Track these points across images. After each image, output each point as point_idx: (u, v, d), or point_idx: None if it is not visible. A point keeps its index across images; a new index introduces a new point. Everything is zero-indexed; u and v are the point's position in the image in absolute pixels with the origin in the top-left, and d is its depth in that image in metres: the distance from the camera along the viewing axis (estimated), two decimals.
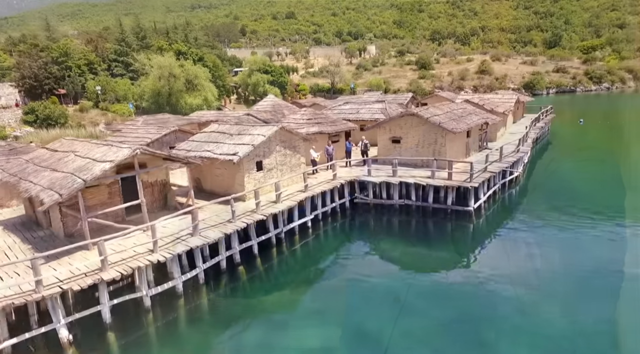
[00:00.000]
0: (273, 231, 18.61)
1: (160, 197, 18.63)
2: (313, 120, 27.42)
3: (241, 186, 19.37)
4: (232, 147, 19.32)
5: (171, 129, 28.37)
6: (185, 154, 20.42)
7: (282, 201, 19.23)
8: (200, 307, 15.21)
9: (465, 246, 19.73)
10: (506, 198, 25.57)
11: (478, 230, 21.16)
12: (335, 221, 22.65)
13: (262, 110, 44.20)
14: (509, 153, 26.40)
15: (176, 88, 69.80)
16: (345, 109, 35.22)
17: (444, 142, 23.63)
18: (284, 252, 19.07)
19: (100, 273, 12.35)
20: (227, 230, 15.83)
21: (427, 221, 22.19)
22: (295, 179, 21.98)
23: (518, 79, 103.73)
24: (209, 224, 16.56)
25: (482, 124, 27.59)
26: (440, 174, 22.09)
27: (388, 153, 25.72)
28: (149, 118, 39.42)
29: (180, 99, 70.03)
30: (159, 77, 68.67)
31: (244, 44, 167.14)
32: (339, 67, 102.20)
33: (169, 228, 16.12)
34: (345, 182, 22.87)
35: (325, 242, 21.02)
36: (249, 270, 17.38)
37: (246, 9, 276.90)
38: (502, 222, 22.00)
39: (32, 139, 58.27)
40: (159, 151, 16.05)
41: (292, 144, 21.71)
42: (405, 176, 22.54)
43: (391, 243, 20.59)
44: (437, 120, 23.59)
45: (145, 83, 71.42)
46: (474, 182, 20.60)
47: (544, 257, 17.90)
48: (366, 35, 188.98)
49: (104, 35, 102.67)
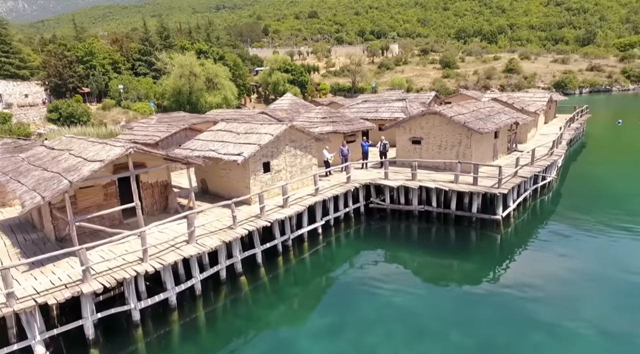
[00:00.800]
0: (279, 238, 17.19)
1: (161, 199, 17.51)
2: (328, 119, 25.92)
3: (247, 189, 18.06)
4: (237, 146, 18.03)
5: (181, 127, 27.44)
6: (190, 153, 19.28)
7: (289, 205, 17.81)
8: (196, 321, 13.91)
9: (492, 259, 17.80)
10: (538, 205, 23.37)
11: (506, 241, 19.16)
12: (348, 228, 21.07)
13: (278, 108, 43.23)
14: (541, 156, 24.17)
15: (196, 87, 69.71)
16: (363, 107, 33.54)
17: (470, 144, 21.69)
18: (290, 261, 17.63)
19: (80, 285, 11.21)
20: (227, 237, 14.49)
21: (449, 230, 20.32)
22: (306, 182, 20.53)
23: (548, 78, 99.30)
24: (209, 230, 15.29)
25: (512, 124, 25.42)
26: (465, 178, 20.21)
27: (407, 155, 23.94)
28: (163, 116, 38.76)
29: (201, 98, 69.89)
30: (179, 75, 68.72)
31: (266, 44, 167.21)
32: (360, 66, 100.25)
33: (166, 234, 14.95)
34: (360, 185, 21.25)
35: (337, 251, 19.46)
36: (251, 280, 16.01)
37: (269, 9, 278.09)
38: (534, 232, 19.91)
39: (54, 136, 59.26)
40: (155, 150, 14.90)
41: (303, 144, 20.26)
42: (425, 180, 20.75)
43: (409, 253, 18.85)
44: (462, 119, 21.67)
45: (167, 82, 71.67)
46: (502, 188, 18.61)
47: (581, 273, 15.84)
48: (389, 34, 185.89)
49: (130, 35, 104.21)
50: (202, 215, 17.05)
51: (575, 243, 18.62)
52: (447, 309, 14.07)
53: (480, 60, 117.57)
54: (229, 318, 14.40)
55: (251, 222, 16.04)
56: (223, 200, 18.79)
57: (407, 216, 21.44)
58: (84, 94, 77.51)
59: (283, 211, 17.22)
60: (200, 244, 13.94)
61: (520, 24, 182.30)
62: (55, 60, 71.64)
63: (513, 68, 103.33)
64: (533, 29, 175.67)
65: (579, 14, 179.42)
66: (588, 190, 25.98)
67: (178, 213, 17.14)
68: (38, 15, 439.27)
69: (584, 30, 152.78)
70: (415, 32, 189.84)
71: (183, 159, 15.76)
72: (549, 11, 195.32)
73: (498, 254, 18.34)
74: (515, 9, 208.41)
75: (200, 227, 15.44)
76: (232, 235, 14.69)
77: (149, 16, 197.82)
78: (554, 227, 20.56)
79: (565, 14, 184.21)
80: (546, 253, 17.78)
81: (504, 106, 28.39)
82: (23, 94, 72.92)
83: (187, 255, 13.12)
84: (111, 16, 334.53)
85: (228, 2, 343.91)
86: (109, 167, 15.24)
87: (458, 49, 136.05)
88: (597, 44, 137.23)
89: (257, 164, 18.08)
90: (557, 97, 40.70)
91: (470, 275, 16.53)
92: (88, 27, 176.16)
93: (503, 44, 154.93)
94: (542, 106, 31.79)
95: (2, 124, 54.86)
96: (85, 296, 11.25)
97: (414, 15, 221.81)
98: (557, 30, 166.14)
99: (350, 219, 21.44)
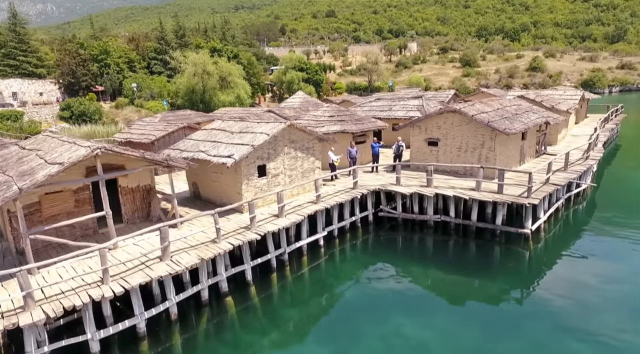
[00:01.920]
0: (273, 252, 15.11)
1: (143, 205, 15.66)
2: (335, 117, 23.75)
3: (238, 195, 16.06)
4: (229, 147, 16.03)
5: (179, 125, 25.71)
6: (179, 154, 17.42)
7: (286, 214, 15.71)
8: (171, 350, 11.95)
9: (519, 280, 15.31)
10: (571, 216, 20.66)
11: (536, 258, 16.61)
12: (354, 239, 18.84)
13: (289, 106, 41.49)
14: (575, 160, 21.43)
15: (210, 85, 68.58)
16: (376, 105, 31.21)
17: (494, 146, 19.17)
18: (286, 278, 15.53)
19: (19, 315, 9.36)
20: (207, 253, 12.47)
21: (468, 244, 17.87)
22: (308, 187, 18.41)
23: (575, 77, 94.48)
24: (190, 243, 13.32)
25: (543, 124, 22.71)
26: (488, 185, 17.75)
27: (423, 158, 21.57)
28: (168, 114, 37.21)
29: (214, 97, 68.71)
30: (193, 74, 67.65)
31: (283, 43, 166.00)
32: (377, 65, 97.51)
33: (141, 247, 13.07)
34: (369, 191, 19.00)
35: (341, 266, 17.24)
36: (239, 301, 13.97)
37: (287, 8, 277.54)
38: (568, 248, 17.28)
39: (65, 134, 58.81)
40: (130, 151, 13.01)
41: (305, 145, 18.15)
42: (442, 187, 18.35)
43: (423, 269, 16.51)
44: (485, 118, 19.18)
45: (180, 80, 70.78)
46: (533, 198, 16.07)
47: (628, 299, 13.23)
48: (407, 32, 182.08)
49: (148, 35, 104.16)
50: (187, 225, 15.13)
51: (618, 261, 15.94)
52: (466, 342, 11.74)
53: (502, 58, 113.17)
54: (211, 345, 12.40)
55: (239, 234, 14.00)
56: (215, 206, 16.88)
57: (421, 226, 19.08)
58: (98, 93, 77.34)
59: (278, 221, 15.13)
60: (175, 261, 11.96)
61: (544, 22, 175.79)
62: (69, 58, 71.47)
63: (537, 66, 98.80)
64: (558, 26, 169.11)
65: (608, 10, 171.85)
66: (626, 198, 23.05)
67: (162, 221, 15.28)
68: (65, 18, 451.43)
69: (613, 27, 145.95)
70: (435, 31, 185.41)
71: (163, 161, 13.84)
72: (576, 8, 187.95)
73: (527, 274, 15.82)
74: (540, 6, 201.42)
75: (181, 240, 13.52)
76: (213, 250, 12.67)
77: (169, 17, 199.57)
78: (591, 242, 17.90)
79: (593, 11, 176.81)
80: (584, 274, 15.20)
81: (532, 104, 25.64)
82: (38, 92, 73.08)
83: (156, 276, 11.15)
84: (133, 17, 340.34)
85: (247, 3, 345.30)
86: (81, 170, 13.49)
87: (479, 47, 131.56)
88: (628, 41, 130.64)
89: (251, 168, 16.05)
90: (590, 96, 37.45)
91: (494, 299, 14.13)
92: (111, 28, 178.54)
93: (526, 42, 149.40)
94: (575, 105, 28.85)
95: (14, 122, 54.61)
96: (27, 328, 9.39)
97: (434, 14, 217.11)
98: (585, 27, 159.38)
99: (357, 229, 19.20)
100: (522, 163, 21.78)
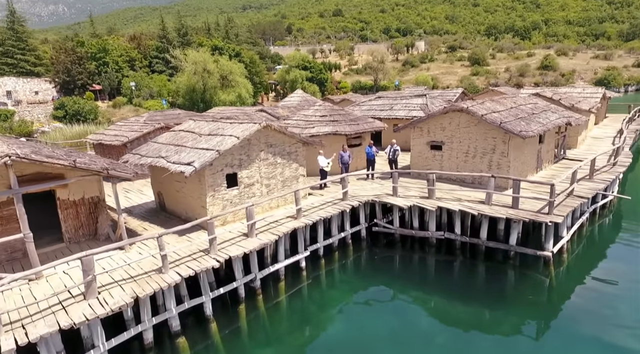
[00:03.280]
0: (241, 278, 12.58)
1: (89, 221, 13.23)
2: (327, 117, 21.19)
3: (204, 209, 13.56)
4: (192, 153, 13.55)
5: (155, 126, 23.34)
6: (138, 159, 14.99)
7: (257, 233, 13.18)
8: None
9: (537, 312, 12.61)
10: (596, 232, 17.87)
11: (558, 286, 13.88)
12: (344, 258, 16.24)
13: (288, 105, 39.21)
14: (601, 167, 18.63)
15: (210, 84, 66.44)
16: (376, 104, 28.57)
17: (507, 151, 16.45)
18: (258, 309, 12.98)
19: None
20: (146, 289, 9.95)
21: (477, 266, 15.19)
22: (290, 198, 15.86)
23: (589, 75, 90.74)
24: (130, 273, 10.83)
25: (564, 125, 19.90)
26: (500, 197, 15.08)
27: (424, 164, 18.91)
28: (155, 114, 34.85)
29: (214, 96, 66.51)
30: (193, 72, 65.52)
31: (289, 42, 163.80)
32: (383, 64, 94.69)
33: (71, 278, 10.65)
34: (361, 203, 16.39)
35: (327, 291, 14.65)
36: (195, 342, 11.41)
37: (294, 7, 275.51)
38: (596, 272, 14.50)
39: (58, 135, 56.92)
40: (54, 159, 10.54)
41: (286, 150, 15.60)
42: (446, 199, 15.70)
43: (423, 295, 13.89)
44: (497, 118, 16.48)
45: (180, 79, 68.76)
46: (555, 215, 13.35)
47: None
48: (415, 31, 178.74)
49: (152, 34, 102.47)
50: (138, 246, 12.67)
51: None
52: None
53: (513, 56, 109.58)
54: None
55: (195, 260, 11.48)
56: (180, 221, 14.46)
57: (422, 244, 16.43)
58: (96, 92, 75.59)
59: (245, 243, 12.59)
60: (101, 300, 9.47)
61: (556, 19, 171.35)
62: (64, 56, 69.67)
63: (549, 65, 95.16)
64: (570, 24, 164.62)
65: (622, 8, 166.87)
66: None
67: (110, 240, 12.86)
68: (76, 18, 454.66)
69: (628, 24, 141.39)
70: (443, 29, 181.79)
71: (101, 170, 11.36)
72: (588, 5, 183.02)
73: (547, 305, 13.12)
74: (551, 3, 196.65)
75: (123, 267, 11.06)
76: (154, 285, 10.15)
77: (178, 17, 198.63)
78: (622, 262, 15.10)
79: (607, 8, 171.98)
80: (617, 305, 12.44)
81: (549, 103, 22.82)
82: (33, 91, 71.48)
83: (65, 324, 8.60)
84: (142, 17, 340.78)
85: (254, 2, 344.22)
86: (3, 181, 11.11)
87: (488, 46, 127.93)
88: None
89: (218, 177, 13.54)
90: (611, 94, 34.42)
91: (508, 335, 11.49)
92: (120, 28, 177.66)
93: (537, 40, 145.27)
94: (596, 103, 25.94)
95: (3, 122, 52.83)
96: None
97: (442, 12, 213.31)
98: (598, 24, 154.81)
99: (347, 246, 16.59)
100: (538, 170, 19.03)
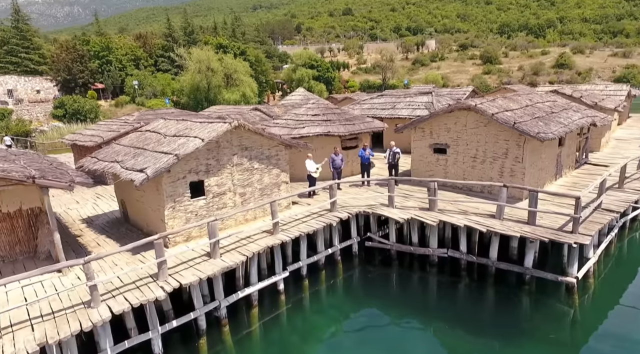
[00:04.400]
0: (202, 307, 10.55)
1: (28, 237, 11.37)
2: (320, 116, 19.11)
3: (162, 223, 11.59)
4: (149, 157, 11.59)
5: (135, 126, 21.48)
6: (93, 164, 13.11)
7: (223, 253, 11.16)
8: None
9: (558, 348, 10.38)
10: (625, 250, 15.49)
11: (584, 317, 11.59)
12: (332, 278, 14.14)
13: (288, 103, 37.40)
14: (631, 174, 16.22)
15: (214, 83, 64.95)
16: (378, 103, 26.39)
17: (522, 155, 14.17)
18: (224, 343, 10.95)
19: None
20: (63, 331, 7.96)
21: (485, 289, 12.96)
22: (268, 209, 13.81)
23: (607, 73, 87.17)
24: (54, 307, 8.85)
25: (588, 125, 17.49)
26: (514, 210, 12.84)
27: (427, 169, 16.71)
28: (147, 113, 33.23)
29: (218, 95, 65.03)
30: (197, 71, 64.12)
31: (298, 41, 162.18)
32: (392, 62, 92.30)
33: None
34: (351, 215, 14.27)
35: (311, 318, 12.54)
36: None
37: (304, 7, 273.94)
38: (627, 299, 12.17)
39: (56, 134, 55.83)
40: None
41: (264, 153, 13.56)
42: (450, 211, 13.51)
43: (423, 321, 11.73)
44: (511, 118, 14.22)
45: (184, 78, 67.45)
46: (581, 234, 11.07)
47: None
48: (426, 30, 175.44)
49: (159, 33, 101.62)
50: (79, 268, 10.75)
51: None
52: None
53: (526, 55, 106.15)
54: None
55: (137, 290, 9.49)
56: (141, 235, 12.53)
57: (422, 262, 14.23)
58: (99, 90, 74.59)
59: (205, 265, 10.56)
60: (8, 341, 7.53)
61: (571, 17, 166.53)
62: (65, 54, 68.67)
63: (564, 63, 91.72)
64: (587, 21, 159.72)
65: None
66: None
67: (51, 258, 10.98)
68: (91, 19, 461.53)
69: None
70: (455, 28, 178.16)
71: (24, 178, 9.44)
72: (606, 2, 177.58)
73: (570, 340, 10.87)
74: (567, 1, 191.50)
75: (49, 298, 9.13)
76: (75, 325, 8.16)
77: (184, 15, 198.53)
78: None
79: (625, 5, 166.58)
80: None
81: (569, 101, 20.41)
82: (35, 90, 70.67)
83: None
84: (154, 17, 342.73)
85: (264, 2, 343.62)
86: None
87: (501, 44, 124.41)
88: None
89: (179, 185, 11.55)
90: (636, 92, 31.70)
91: None
92: (132, 28, 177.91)
93: (552, 38, 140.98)
94: (622, 102, 23.39)
95: (0, 121, 51.79)
96: None
97: (454, 11, 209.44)
98: (616, 22, 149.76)
99: (336, 264, 14.48)
100: (558, 177, 16.69)
